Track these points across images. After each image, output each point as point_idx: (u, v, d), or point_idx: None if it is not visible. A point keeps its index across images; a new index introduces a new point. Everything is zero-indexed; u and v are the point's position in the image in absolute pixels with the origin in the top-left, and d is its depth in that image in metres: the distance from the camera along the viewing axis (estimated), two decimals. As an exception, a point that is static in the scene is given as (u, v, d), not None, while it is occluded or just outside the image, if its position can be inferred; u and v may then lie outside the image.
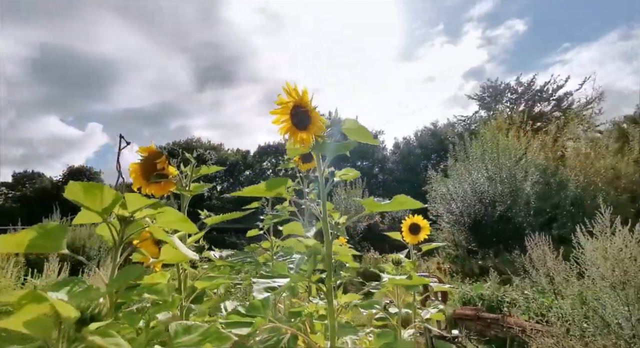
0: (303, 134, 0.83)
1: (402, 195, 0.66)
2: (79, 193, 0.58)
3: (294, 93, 0.80)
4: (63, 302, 0.40)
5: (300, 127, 0.83)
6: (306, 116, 0.81)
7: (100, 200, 0.60)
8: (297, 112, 0.82)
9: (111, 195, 0.61)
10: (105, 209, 0.62)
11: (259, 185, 0.79)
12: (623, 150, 9.94)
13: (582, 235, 2.53)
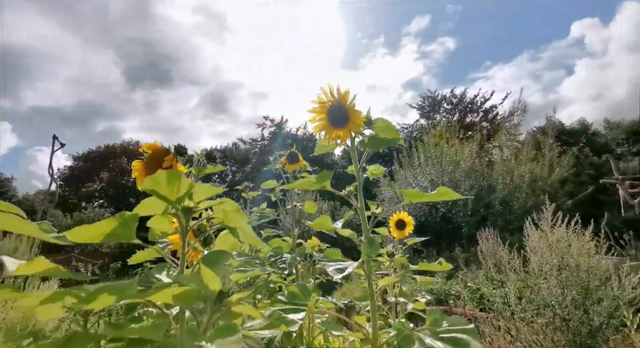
0: (339, 131, 0.89)
1: (443, 187, 0.75)
2: (161, 182, 0.58)
3: (333, 93, 0.86)
4: (213, 276, 0.42)
5: (337, 125, 0.88)
6: (344, 114, 0.87)
7: (177, 189, 0.60)
8: (335, 110, 0.88)
9: (186, 185, 0.61)
10: (178, 198, 0.62)
11: (310, 178, 0.83)
12: (538, 157, 11.51)
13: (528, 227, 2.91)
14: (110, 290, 0.54)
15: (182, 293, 0.40)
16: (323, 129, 0.90)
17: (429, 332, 0.68)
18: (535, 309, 2.87)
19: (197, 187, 0.63)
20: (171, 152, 1.16)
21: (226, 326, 0.41)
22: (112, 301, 0.54)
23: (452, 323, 0.70)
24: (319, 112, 0.89)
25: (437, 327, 0.69)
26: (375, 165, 0.91)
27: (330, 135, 0.90)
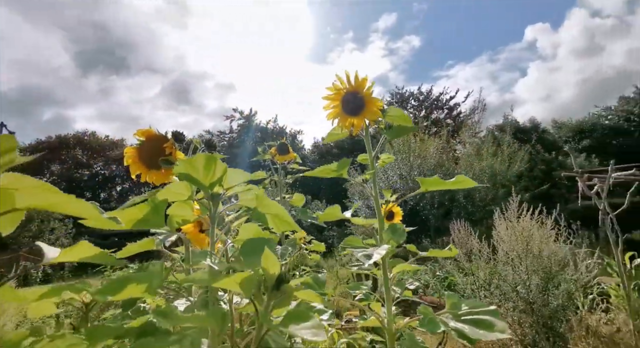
0: (354, 119, 0.88)
1: (461, 175, 0.77)
2: (198, 166, 0.54)
3: (349, 80, 0.85)
4: (274, 261, 0.40)
5: (352, 113, 0.88)
6: (360, 102, 0.86)
7: (213, 174, 0.57)
8: (351, 98, 0.87)
9: (222, 169, 0.58)
10: (212, 184, 0.59)
11: (331, 165, 0.82)
12: (497, 153, 12.24)
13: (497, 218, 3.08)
14: (139, 279, 0.50)
15: (246, 279, 0.38)
16: (336, 117, 0.89)
17: (450, 315, 0.70)
18: (502, 294, 3.07)
19: (230, 173, 0.60)
20: (169, 138, 1.09)
21: (296, 312, 0.40)
22: (141, 290, 0.51)
23: (471, 306, 0.72)
24: (333, 99, 0.88)
25: (457, 310, 0.71)
26: (385, 154, 0.92)
27: (344, 123, 0.89)
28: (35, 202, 0.33)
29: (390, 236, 0.72)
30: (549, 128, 22.42)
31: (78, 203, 0.34)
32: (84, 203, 0.35)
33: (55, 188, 0.34)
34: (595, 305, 3.28)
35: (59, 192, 0.33)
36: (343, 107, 0.88)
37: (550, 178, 14.90)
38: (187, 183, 0.64)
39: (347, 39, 53.45)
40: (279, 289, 0.41)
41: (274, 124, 27.68)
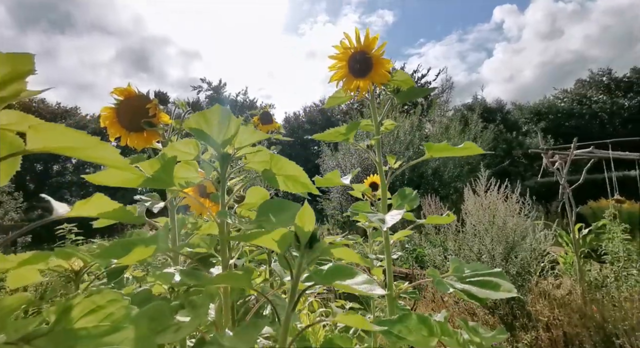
0: (360, 81, 0.85)
1: (469, 142, 0.77)
2: (212, 121, 0.49)
3: (358, 39, 0.81)
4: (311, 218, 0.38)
5: (359, 75, 0.84)
6: (368, 63, 0.82)
7: (226, 131, 0.52)
8: (358, 58, 0.83)
9: (236, 125, 0.53)
10: (224, 142, 0.54)
11: (340, 128, 0.78)
12: (465, 131, 12.72)
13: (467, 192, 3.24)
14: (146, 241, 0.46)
15: (282, 237, 0.36)
16: (342, 78, 0.85)
17: (455, 277, 0.72)
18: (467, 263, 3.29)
19: (243, 131, 0.55)
20: (151, 98, 1.00)
21: (339, 267, 0.38)
22: (149, 252, 0.47)
23: (474, 268, 0.75)
24: (340, 59, 0.84)
25: (461, 273, 0.73)
26: (389, 120, 0.90)
27: (349, 86, 0.85)
28: (52, 145, 0.28)
29: (399, 201, 0.72)
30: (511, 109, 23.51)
31: (100, 148, 0.29)
32: (107, 148, 0.30)
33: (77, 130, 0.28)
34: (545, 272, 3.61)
35: (82, 133, 0.28)
36: (350, 68, 0.84)
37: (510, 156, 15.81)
38: (195, 141, 0.59)
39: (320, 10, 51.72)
40: (311, 247, 0.39)
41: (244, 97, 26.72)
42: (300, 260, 0.39)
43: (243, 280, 0.38)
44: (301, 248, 0.39)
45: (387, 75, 0.81)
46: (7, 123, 0.29)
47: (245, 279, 0.37)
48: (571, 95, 22.45)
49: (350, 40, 0.81)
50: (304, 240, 0.39)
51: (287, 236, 0.37)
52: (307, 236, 0.39)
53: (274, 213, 0.49)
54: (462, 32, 50.05)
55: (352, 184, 0.88)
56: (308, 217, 0.38)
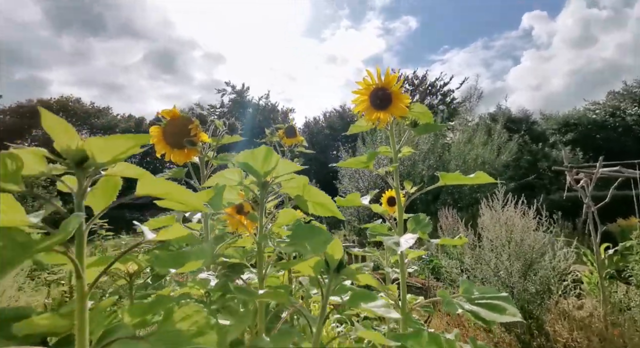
0: (380, 113, 0.93)
1: (481, 171, 0.84)
2: (259, 157, 0.59)
3: (379, 76, 0.89)
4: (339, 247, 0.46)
5: (379, 108, 0.92)
6: (387, 98, 0.91)
7: (268, 164, 0.62)
8: (378, 93, 0.91)
9: (276, 160, 0.62)
10: (266, 173, 0.64)
11: (361, 157, 0.87)
12: (488, 142, 12.48)
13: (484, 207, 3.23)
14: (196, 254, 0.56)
15: (316, 264, 0.44)
16: (364, 110, 0.93)
17: (464, 298, 0.78)
18: (483, 278, 3.27)
19: (281, 163, 0.65)
20: (193, 120, 1.13)
21: (362, 292, 0.46)
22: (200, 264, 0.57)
23: (482, 291, 0.81)
24: (362, 93, 0.92)
25: (470, 294, 0.79)
26: (406, 147, 0.97)
27: (370, 117, 0.93)
28: (153, 192, 0.38)
29: (414, 226, 0.79)
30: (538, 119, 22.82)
31: (185, 193, 0.39)
32: (189, 193, 0.40)
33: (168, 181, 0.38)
34: (568, 291, 3.52)
35: (173, 184, 0.38)
36: (371, 102, 0.92)
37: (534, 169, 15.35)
38: (239, 170, 0.69)
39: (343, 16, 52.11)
40: (339, 272, 0.48)
41: (266, 101, 27.23)
42: (329, 283, 0.47)
43: (283, 296, 0.46)
44: (331, 272, 0.47)
45: (405, 109, 0.89)
46: (117, 171, 0.39)
47: (284, 296, 0.46)
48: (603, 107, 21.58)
49: (372, 77, 0.90)
50: (333, 266, 0.47)
51: (319, 263, 0.45)
52: (336, 263, 0.47)
53: (306, 238, 0.57)
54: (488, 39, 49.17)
55: (371, 205, 0.96)
56: (337, 247, 0.47)
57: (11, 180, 0.29)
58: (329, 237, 0.56)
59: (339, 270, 0.48)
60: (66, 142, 0.33)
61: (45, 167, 0.33)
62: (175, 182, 0.41)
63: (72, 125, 0.38)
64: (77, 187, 0.35)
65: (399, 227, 0.90)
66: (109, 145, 0.33)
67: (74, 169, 0.35)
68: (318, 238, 0.56)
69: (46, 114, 0.30)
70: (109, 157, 0.34)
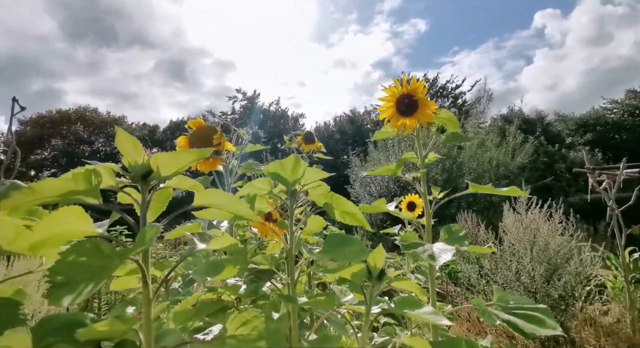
0: (406, 120, 0.94)
1: (514, 186, 0.84)
2: (288, 167, 0.60)
3: (405, 84, 0.90)
4: (382, 256, 0.47)
5: (405, 114, 0.93)
6: (414, 104, 0.91)
7: (296, 173, 0.63)
8: (405, 100, 0.92)
9: (304, 169, 0.64)
10: (294, 181, 0.65)
11: (390, 166, 0.88)
12: (502, 144, 12.26)
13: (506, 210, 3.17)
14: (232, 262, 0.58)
15: (360, 271, 0.45)
16: (390, 117, 0.94)
17: (499, 307, 0.77)
18: (504, 283, 3.20)
19: (308, 172, 0.66)
20: (217, 130, 1.16)
21: (408, 299, 0.47)
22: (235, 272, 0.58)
23: (517, 300, 0.79)
24: (388, 100, 0.93)
25: (505, 303, 0.78)
26: (432, 153, 0.97)
27: (396, 124, 0.94)
28: (209, 202, 0.40)
29: (446, 236, 0.79)
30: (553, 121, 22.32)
31: (238, 203, 0.41)
32: (242, 203, 0.41)
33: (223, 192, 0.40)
34: (592, 297, 3.41)
35: (228, 195, 0.39)
36: (397, 108, 0.93)
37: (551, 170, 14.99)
38: (269, 179, 0.70)
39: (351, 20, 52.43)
40: (380, 279, 0.49)
41: (276, 106, 27.46)
42: (372, 289, 0.48)
43: (330, 304, 0.47)
44: (373, 280, 0.48)
45: (432, 115, 0.90)
46: (174, 184, 0.41)
47: (330, 302, 0.47)
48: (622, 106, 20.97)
49: (397, 84, 0.91)
50: (375, 274, 0.48)
51: (362, 270, 0.46)
52: (378, 271, 0.48)
53: (341, 246, 0.59)
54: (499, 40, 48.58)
55: (398, 212, 0.96)
56: (380, 256, 0.48)
57: (92, 195, 0.31)
58: (364, 247, 0.57)
59: (381, 278, 0.49)
60: (134, 157, 0.35)
61: (114, 180, 0.35)
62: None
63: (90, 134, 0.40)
64: (142, 199, 0.37)
65: (427, 234, 0.90)
66: (174, 160, 0.35)
67: (138, 182, 0.37)
68: (353, 247, 0.57)
69: (120, 132, 0.32)
70: (172, 170, 0.36)
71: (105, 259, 0.28)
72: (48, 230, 0.32)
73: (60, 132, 25.84)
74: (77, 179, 0.30)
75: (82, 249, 0.29)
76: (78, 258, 0.28)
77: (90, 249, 0.29)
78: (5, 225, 0.37)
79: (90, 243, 0.29)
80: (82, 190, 0.30)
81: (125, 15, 49.44)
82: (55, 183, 0.30)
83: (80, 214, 0.34)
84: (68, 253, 0.28)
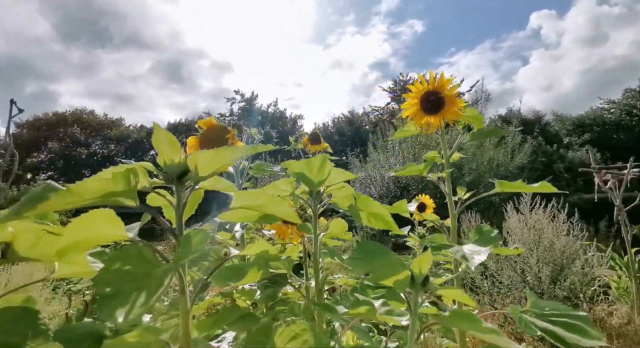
0: (431, 118, 0.90)
1: (545, 181, 0.80)
2: (314, 166, 0.57)
3: (431, 80, 0.87)
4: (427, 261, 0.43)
5: (430, 112, 0.89)
6: (440, 102, 0.88)
7: (322, 173, 0.59)
8: (430, 97, 0.88)
9: (329, 169, 0.60)
10: (319, 182, 0.61)
11: (419, 166, 0.85)
12: (501, 144, 12.28)
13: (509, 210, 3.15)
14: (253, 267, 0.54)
15: (404, 277, 0.42)
16: (414, 115, 0.90)
17: (534, 314, 0.73)
18: (510, 284, 3.17)
19: (333, 172, 0.62)
20: (230, 129, 1.11)
21: (461, 312, 0.43)
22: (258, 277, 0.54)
23: (552, 307, 0.75)
24: (412, 97, 0.90)
25: (539, 309, 0.74)
26: (457, 152, 0.94)
27: (419, 122, 0.91)
28: (248, 203, 0.36)
29: (477, 236, 0.75)
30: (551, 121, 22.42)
31: (278, 204, 0.37)
32: (285, 205, 0.38)
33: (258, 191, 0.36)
34: (596, 297, 3.39)
35: (269, 195, 0.36)
36: (422, 106, 0.89)
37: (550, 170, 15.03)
38: (291, 180, 0.67)
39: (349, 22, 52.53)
40: (424, 286, 0.45)
41: (274, 108, 27.44)
42: (415, 297, 0.45)
43: (370, 313, 0.44)
44: (416, 287, 0.44)
45: (459, 113, 0.86)
46: (208, 185, 0.37)
47: (372, 313, 0.44)
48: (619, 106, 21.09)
49: (423, 81, 0.87)
50: (418, 280, 0.45)
51: (407, 278, 0.42)
52: (422, 278, 0.44)
53: (373, 255, 0.55)
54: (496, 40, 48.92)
55: (423, 214, 0.93)
56: (426, 262, 0.44)
57: (130, 196, 0.27)
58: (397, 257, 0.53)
59: (425, 285, 0.45)
60: (170, 155, 0.31)
61: (148, 181, 0.31)
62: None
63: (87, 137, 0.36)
64: (177, 201, 0.33)
65: (452, 235, 0.87)
66: (215, 158, 0.31)
67: (174, 182, 0.33)
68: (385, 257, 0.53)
69: (158, 129, 0.28)
70: (211, 170, 0.32)
71: (148, 266, 0.24)
72: (78, 235, 0.28)
73: (56, 134, 25.66)
74: (117, 180, 0.26)
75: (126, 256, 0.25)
76: (123, 266, 0.24)
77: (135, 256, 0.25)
78: (24, 229, 0.33)
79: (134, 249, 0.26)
80: (120, 192, 0.27)
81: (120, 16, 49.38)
82: (94, 185, 0.26)
83: (112, 217, 0.30)
84: (112, 261, 0.25)
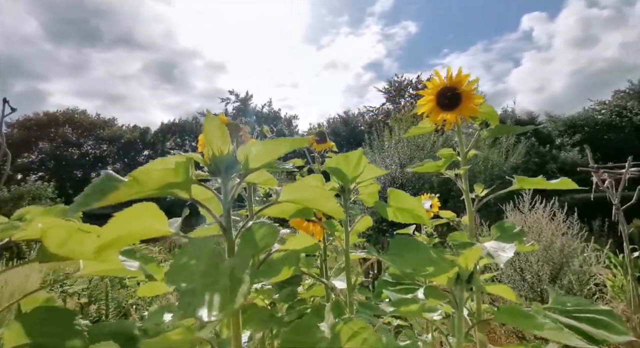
0: (447, 114, 0.89)
1: (565, 177, 0.80)
2: (352, 161, 0.55)
3: (448, 76, 0.86)
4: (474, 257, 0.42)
5: (447, 108, 0.88)
6: (457, 97, 0.87)
7: (357, 169, 0.58)
8: (446, 93, 0.87)
9: (364, 164, 0.59)
10: (353, 178, 0.60)
11: (438, 162, 0.84)
12: (495, 145, 12.40)
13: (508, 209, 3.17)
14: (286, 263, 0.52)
15: (454, 276, 0.40)
16: (429, 111, 0.89)
17: (556, 310, 0.72)
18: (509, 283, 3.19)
19: (367, 168, 0.61)
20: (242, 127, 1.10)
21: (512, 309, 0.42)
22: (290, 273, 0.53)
23: (575, 302, 0.74)
24: (428, 93, 0.89)
25: (563, 305, 0.73)
26: (472, 149, 0.93)
27: (435, 118, 0.90)
28: (296, 197, 0.34)
29: (499, 233, 0.74)
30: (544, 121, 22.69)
31: (326, 198, 0.35)
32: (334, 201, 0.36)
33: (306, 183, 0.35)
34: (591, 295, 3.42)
35: (318, 188, 0.34)
36: (438, 102, 0.88)
37: (543, 171, 15.20)
38: (320, 176, 0.65)
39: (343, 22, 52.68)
40: (469, 282, 0.44)
41: (269, 108, 27.35)
42: (461, 293, 0.44)
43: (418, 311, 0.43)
44: (462, 283, 0.43)
45: (476, 109, 0.85)
46: (252, 178, 0.35)
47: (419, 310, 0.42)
48: (610, 107, 21.44)
49: (439, 76, 0.86)
50: (464, 277, 0.43)
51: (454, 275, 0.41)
52: (468, 274, 0.43)
53: (408, 251, 0.53)
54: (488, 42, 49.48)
55: (439, 211, 0.92)
56: (472, 258, 0.43)
57: (186, 188, 0.25)
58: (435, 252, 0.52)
59: (470, 281, 0.44)
60: (220, 146, 0.29)
61: (194, 173, 0.30)
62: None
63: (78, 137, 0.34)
64: (224, 194, 0.31)
65: (470, 232, 0.86)
66: (269, 149, 0.30)
67: (221, 174, 0.31)
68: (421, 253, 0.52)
69: (209, 117, 0.26)
70: (263, 161, 0.31)
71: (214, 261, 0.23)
72: (122, 229, 0.27)
73: (47, 134, 25.25)
74: (179, 170, 0.24)
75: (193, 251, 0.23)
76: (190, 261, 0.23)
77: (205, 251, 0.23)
78: (56, 225, 0.31)
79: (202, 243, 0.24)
80: (179, 183, 0.25)
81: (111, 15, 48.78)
82: (157, 174, 0.24)
83: (156, 211, 0.28)
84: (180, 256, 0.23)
